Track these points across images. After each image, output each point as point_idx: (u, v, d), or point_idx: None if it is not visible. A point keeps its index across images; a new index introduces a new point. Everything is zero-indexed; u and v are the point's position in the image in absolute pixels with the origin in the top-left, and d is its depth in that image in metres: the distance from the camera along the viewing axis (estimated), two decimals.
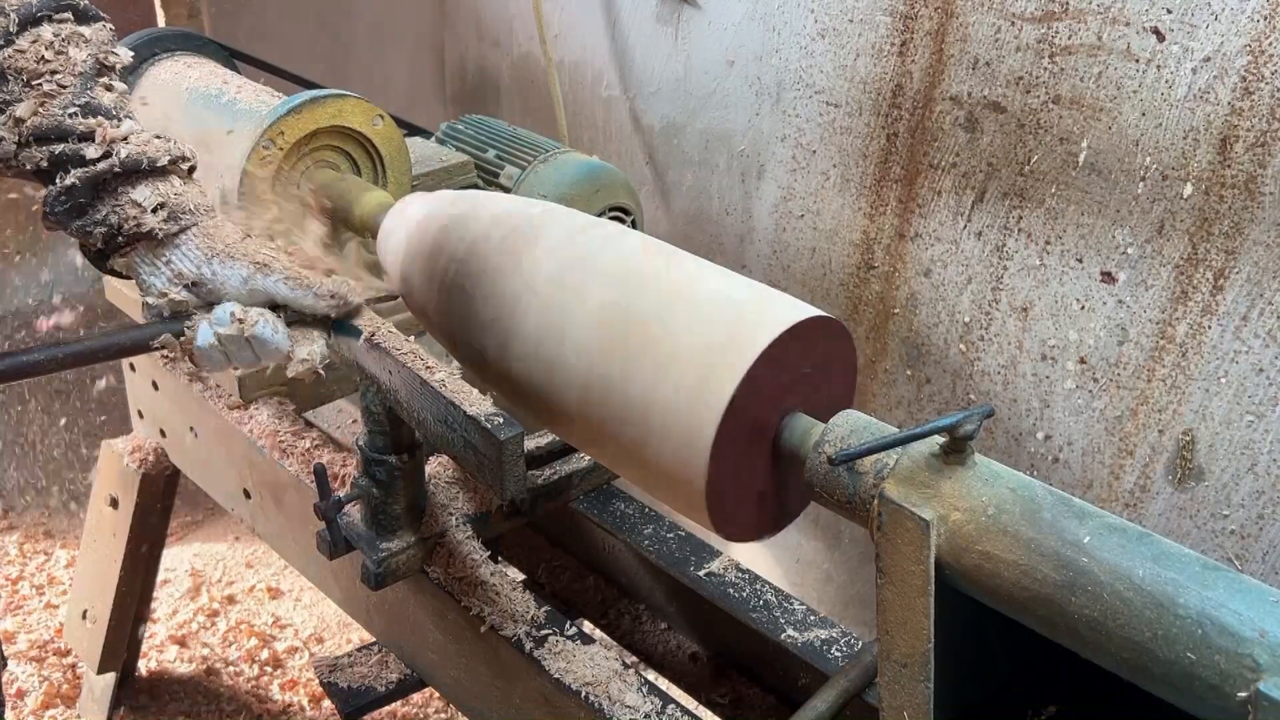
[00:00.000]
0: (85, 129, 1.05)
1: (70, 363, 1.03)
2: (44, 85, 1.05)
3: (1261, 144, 1.37)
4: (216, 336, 1.07)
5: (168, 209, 1.08)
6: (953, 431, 0.85)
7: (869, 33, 1.77)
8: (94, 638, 2.13)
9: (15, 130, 1.04)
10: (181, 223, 1.08)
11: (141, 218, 1.06)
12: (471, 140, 1.70)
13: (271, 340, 1.09)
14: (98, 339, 1.05)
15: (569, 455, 1.49)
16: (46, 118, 1.04)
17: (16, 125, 1.04)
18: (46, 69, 1.05)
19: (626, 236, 1.15)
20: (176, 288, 1.08)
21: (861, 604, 2.16)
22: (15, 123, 1.04)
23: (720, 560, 1.45)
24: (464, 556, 1.31)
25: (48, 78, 1.05)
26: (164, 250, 1.08)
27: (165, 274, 1.08)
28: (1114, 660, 0.78)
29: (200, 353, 1.09)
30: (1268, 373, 1.44)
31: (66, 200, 1.05)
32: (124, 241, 1.07)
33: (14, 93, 1.04)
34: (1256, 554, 1.52)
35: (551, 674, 1.21)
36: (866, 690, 1.20)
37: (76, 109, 1.05)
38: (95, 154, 1.04)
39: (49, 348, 1.01)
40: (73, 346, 1.03)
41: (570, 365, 1.06)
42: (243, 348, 1.09)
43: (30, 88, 1.04)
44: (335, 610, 2.38)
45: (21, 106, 1.04)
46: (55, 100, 1.05)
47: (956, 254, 1.76)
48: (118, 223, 1.06)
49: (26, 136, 1.04)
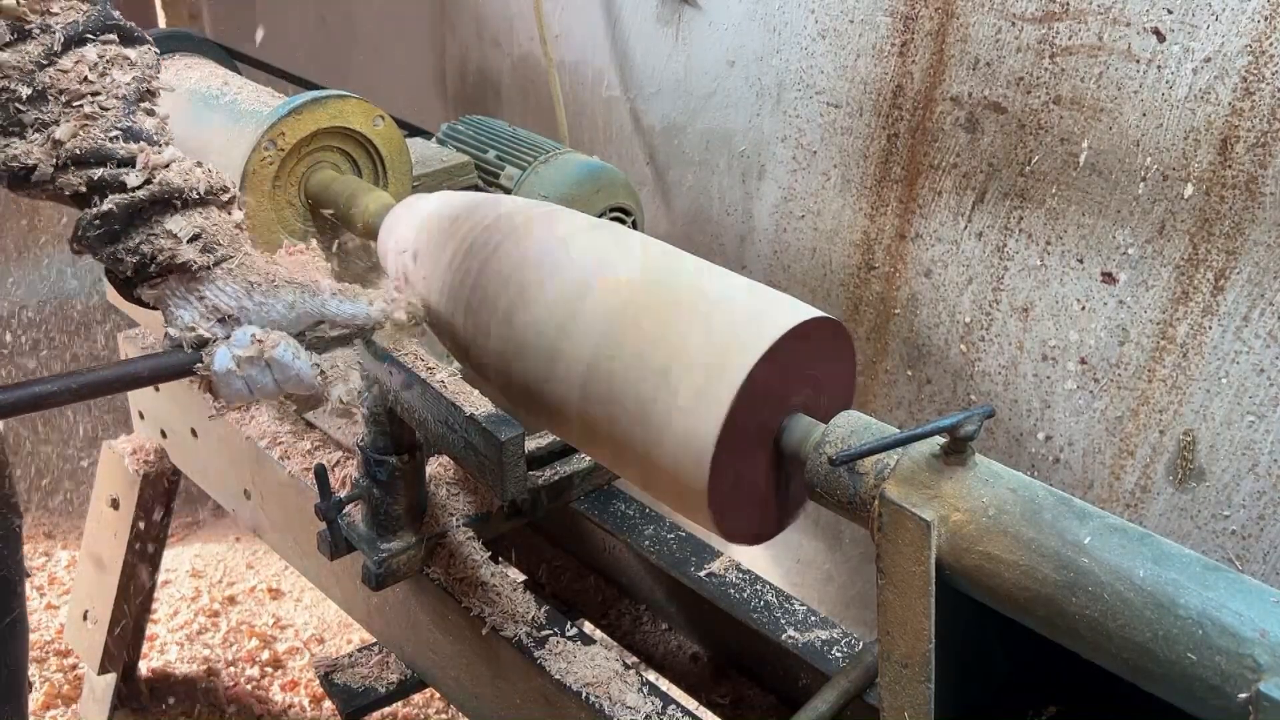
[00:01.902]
0: (126, 154, 1.01)
1: (86, 393, 1.00)
2: (85, 107, 1.01)
3: (1262, 144, 1.37)
4: (235, 360, 1.04)
5: (203, 240, 1.04)
6: (953, 432, 0.85)
7: (869, 33, 1.77)
8: (95, 638, 2.13)
9: (53, 152, 1.00)
10: (216, 255, 1.05)
11: (176, 249, 1.02)
12: (472, 141, 1.70)
13: (292, 365, 1.05)
14: (114, 369, 1.02)
15: (569, 455, 1.49)
16: (87, 140, 1.00)
17: (55, 147, 1.00)
18: (88, 90, 1.02)
19: (627, 237, 1.15)
20: (208, 322, 1.05)
21: (862, 604, 2.16)
22: (54, 144, 1.00)
23: (721, 561, 1.45)
24: (464, 557, 1.31)
25: (89, 99, 1.02)
26: (198, 284, 1.04)
27: (197, 308, 1.05)
28: (1114, 661, 0.78)
29: (219, 379, 1.05)
30: (1268, 373, 1.44)
31: (101, 226, 1.01)
32: (156, 272, 1.04)
33: (53, 113, 1.01)
34: (1257, 554, 1.52)
35: (552, 674, 1.21)
36: (867, 691, 1.20)
37: (119, 133, 1.02)
38: (136, 181, 1.01)
39: (63, 378, 0.98)
40: (88, 376, 1.00)
41: (571, 365, 1.06)
42: (263, 372, 1.05)
43: (71, 109, 1.01)
44: (336, 611, 2.38)
45: (62, 128, 1.00)
46: (97, 123, 1.01)
47: (957, 254, 1.76)
48: (151, 252, 1.02)
49: (65, 159, 1.00)
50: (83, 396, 1.00)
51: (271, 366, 1.05)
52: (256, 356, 1.04)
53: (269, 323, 1.05)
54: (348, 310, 1.09)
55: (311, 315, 1.07)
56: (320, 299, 1.07)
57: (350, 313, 1.09)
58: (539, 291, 1.08)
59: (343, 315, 1.09)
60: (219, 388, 1.06)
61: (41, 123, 1.00)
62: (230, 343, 1.04)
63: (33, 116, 1.00)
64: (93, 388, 1.00)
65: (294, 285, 1.06)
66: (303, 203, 1.49)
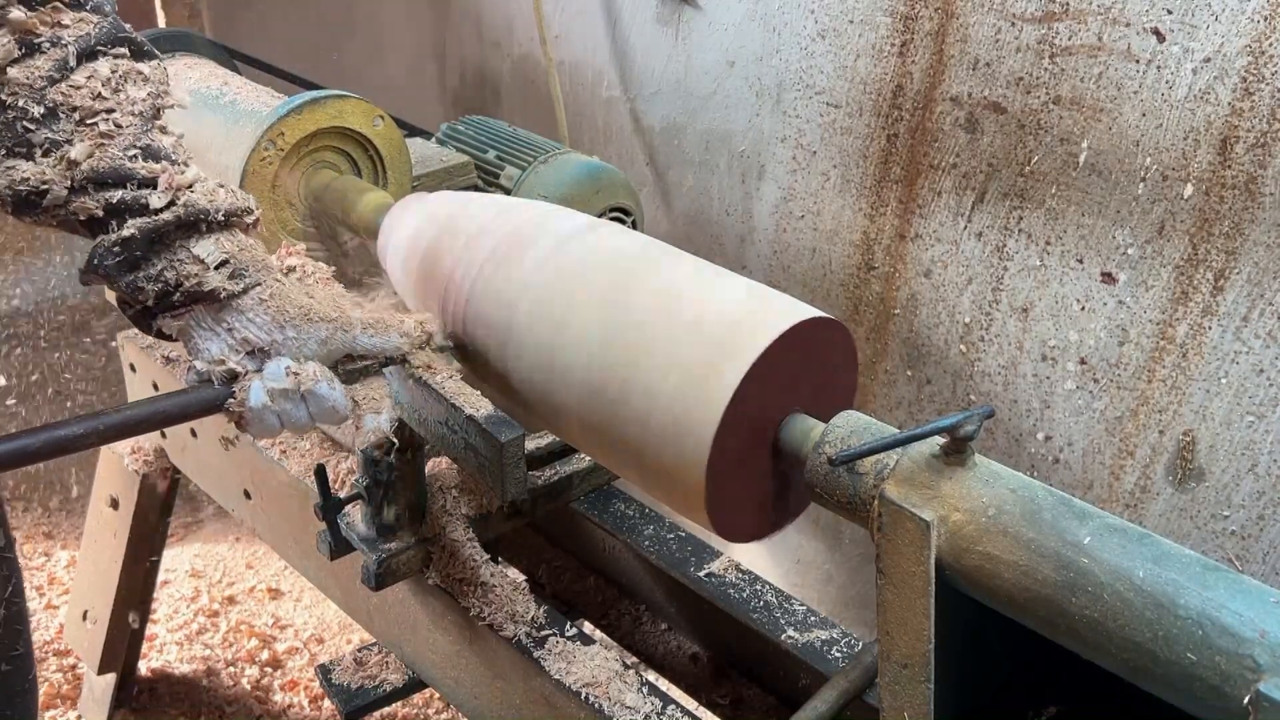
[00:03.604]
0: (148, 173, 0.95)
1: (111, 435, 0.94)
2: (100, 125, 0.95)
3: (1262, 145, 1.37)
4: (269, 395, 0.99)
5: (231, 266, 0.98)
6: (953, 432, 0.85)
7: (869, 33, 1.77)
8: (94, 638, 2.13)
9: (68, 173, 0.93)
10: (245, 282, 0.98)
11: (204, 275, 0.96)
12: (472, 141, 1.71)
13: (329, 397, 1.01)
14: (140, 408, 0.96)
15: (569, 456, 1.49)
16: (104, 160, 0.93)
17: (70, 168, 0.93)
18: (103, 107, 0.95)
19: (627, 237, 1.15)
20: (237, 355, 0.99)
21: (862, 604, 2.16)
22: (69, 165, 0.93)
23: (720, 561, 1.45)
24: (464, 557, 1.31)
25: (104, 116, 0.95)
26: (226, 314, 0.98)
27: (225, 340, 0.99)
28: (1114, 661, 0.78)
29: (252, 414, 0.99)
30: (1268, 373, 1.44)
31: (120, 253, 0.94)
32: (181, 300, 0.97)
33: (65, 132, 0.94)
34: (1257, 554, 1.52)
35: (551, 674, 1.21)
36: (867, 691, 1.20)
37: (137, 151, 0.95)
38: (160, 202, 0.94)
39: (88, 419, 0.92)
40: (114, 418, 0.94)
41: (570, 365, 1.06)
42: (298, 406, 1.00)
43: (84, 127, 0.94)
44: (335, 611, 2.38)
45: (77, 148, 0.93)
46: (114, 141, 0.95)
47: (957, 255, 1.76)
48: (175, 279, 0.96)
49: (80, 181, 0.93)
50: (109, 439, 0.95)
51: (307, 400, 1.00)
52: (292, 390, 0.99)
53: (301, 356, 1.01)
54: (378, 345, 1.05)
55: (343, 350, 1.04)
56: (352, 334, 1.03)
57: (380, 347, 1.06)
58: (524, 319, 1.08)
59: (373, 350, 1.06)
60: (251, 423, 1.00)
61: (53, 142, 0.93)
62: (264, 376, 0.99)
63: (43, 136, 0.93)
64: (119, 429, 0.94)
65: (327, 321, 1.02)
66: (303, 202, 1.49)
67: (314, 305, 1.02)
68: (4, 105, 0.93)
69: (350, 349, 1.04)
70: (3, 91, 0.93)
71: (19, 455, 0.88)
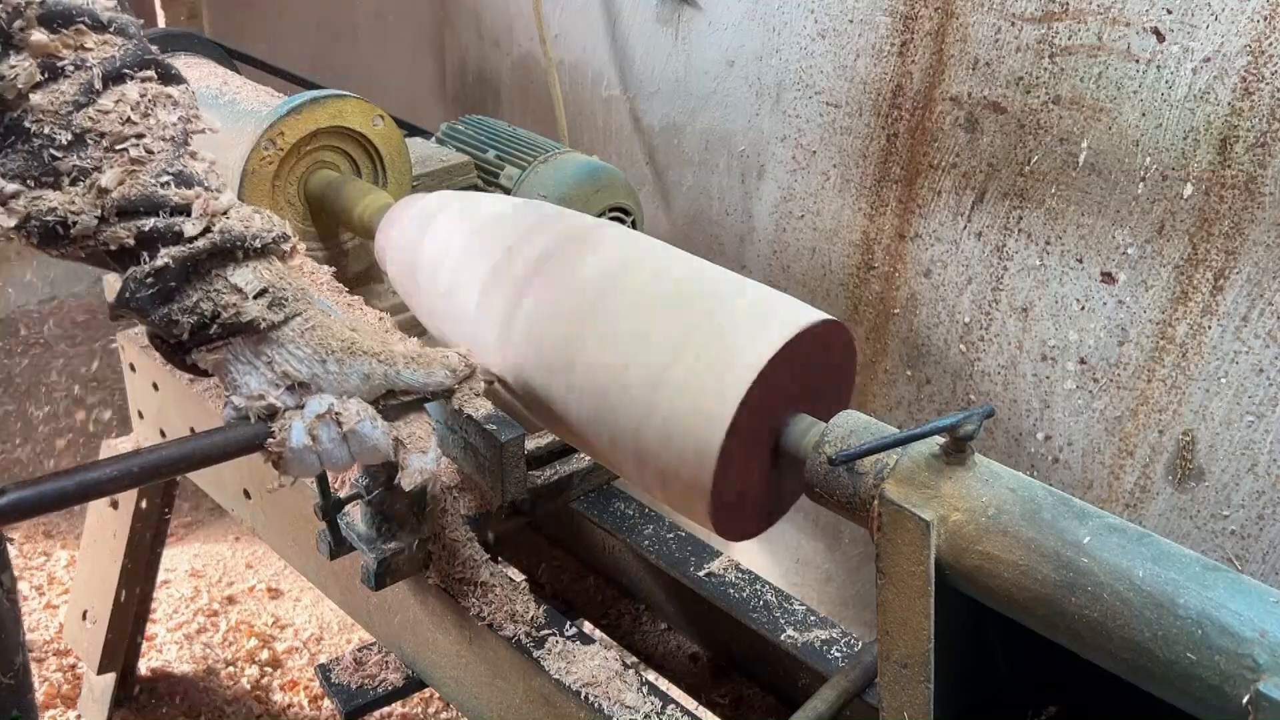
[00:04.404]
0: (181, 200, 0.90)
1: (145, 477, 0.90)
2: (130, 150, 0.90)
3: (1261, 144, 1.38)
4: (311, 435, 0.94)
5: (271, 295, 0.93)
6: (953, 432, 0.85)
7: (869, 33, 1.77)
8: (94, 638, 2.13)
9: (98, 202, 0.88)
10: (285, 312, 0.94)
11: (243, 306, 0.92)
12: (471, 140, 1.71)
13: (371, 436, 0.96)
14: (174, 448, 0.92)
15: (569, 455, 1.49)
16: (136, 187, 0.89)
17: (100, 196, 0.88)
18: (132, 132, 0.91)
19: (627, 237, 1.15)
20: (278, 390, 0.94)
21: (861, 604, 2.16)
22: (99, 193, 0.88)
23: (720, 560, 1.45)
24: (464, 557, 1.31)
25: (134, 142, 0.90)
26: (265, 346, 0.94)
27: (265, 374, 0.94)
28: (1114, 661, 0.78)
29: (293, 455, 0.95)
30: (1268, 373, 1.44)
31: (154, 284, 0.90)
32: (219, 333, 0.92)
33: (94, 159, 0.89)
34: (1256, 554, 1.52)
35: (551, 674, 1.21)
36: (866, 691, 1.20)
37: (170, 178, 0.91)
38: (194, 230, 0.90)
39: (120, 461, 0.88)
40: (148, 458, 0.90)
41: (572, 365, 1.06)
42: (339, 446, 0.96)
43: (114, 153, 0.90)
44: (335, 610, 2.38)
45: (107, 175, 0.89)
46: (145, 168, 0.90)
47: (956, 254, 1.76)
48: (212, 310, 0.91)
49: (110, 210, 0.89)
50: (143, 480, 0.91)
51: (348, 439, 0.96)
52: (335, 429, 0.95)
53: (343, 392, 0.96)
54: (420, 379, 1.00)
55: (385, 386, 0.99)
56: (395, 368, 0.98)
57: (423, 382, 1.00)
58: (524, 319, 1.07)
59: (416, 385, 1.00)
60: (290, 465, 0.96)
61: (81, 170, 0.88)
62: (304, 414, 0.95)
63: (70, 163, 0.88)
64: (154, 470, 0.90)
65: (371, 355, 0.97)
66: (302, 202, 1.49)
67: (357, 338, 0.97)
68: (28, 133, 0.88)
69: (393, 385, 0.99)
70: (26, 119, 0.88)
71: (54, 499, 0.85)
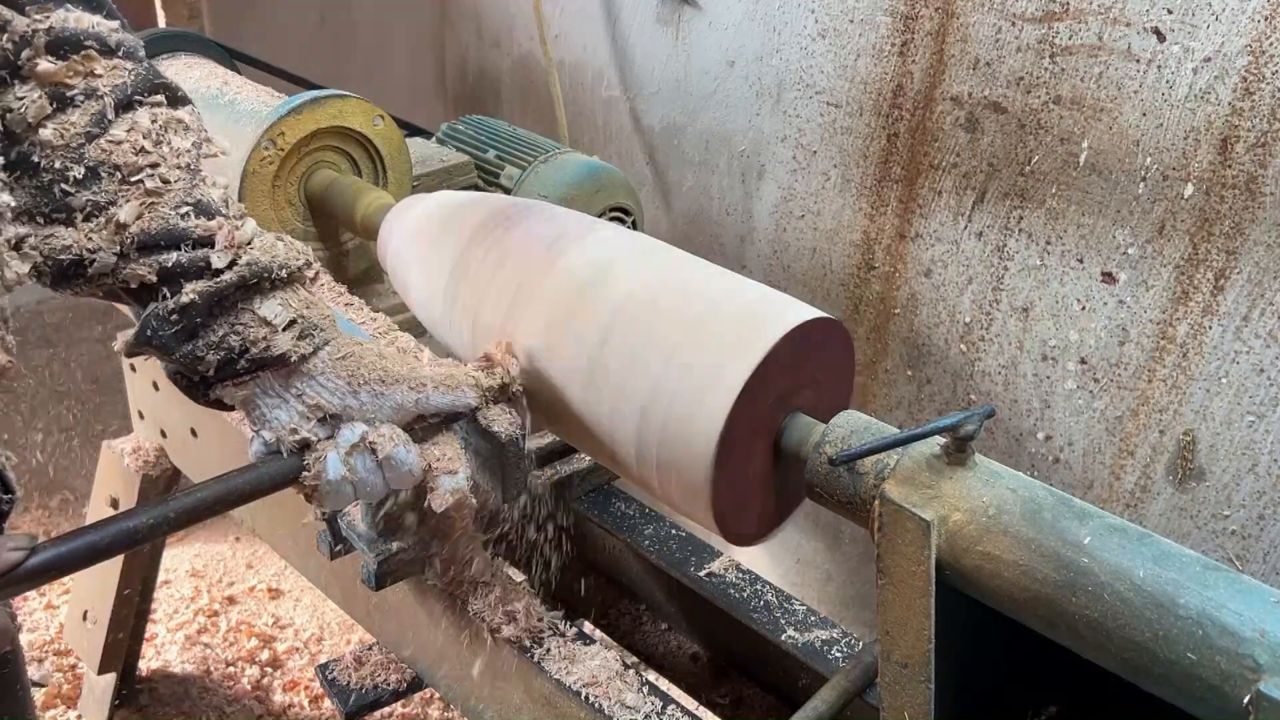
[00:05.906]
0: (204, 232, 0.86)
1: (183, 521, 0.86)
2: (146, 181, 0.85)
3: (1262, 144, 1.37)
4: (346, 466, 0.91)
5: (300, 326, 0.90)
6: (954, 432, 0.85)
7: (869, 33, 1.77)
8: (94, 638, 2.13)
9: (116, 238, 0.84)
10: (315, 342, 0.91)
11: (272, 339, 0.88)
12: (472, 140, 1.71)
13: (406, 461, 0.94)
14: (210, 489, 0.88)
15: (569, 455, 1.49)
16: (155, 220, 0.84)
17: (118, 231, 0.84)
18: (146, 162, 0.86)
19: (628, 237, 1.15)
20: (309, 423, 0.91)
21: (861, 604, 2.16)
22: (117, 228, 0.84)
23: (720, 560, 1.45)
24: (464, 557, 1.31)
25: (148, 172, 0.86)
26: (295, 379, 0.90)
27: (295, 407, 0.91)
28: (1114, 660, 0.78)
29: (329, 487, 0.92)
30: (1268, 373, 1.44)
31: (179, 320, 0.85)
32: (246, 368, 0.88)
33: (108, 192, 0.84)
34: (1257, 554, 1.52)
35: (551, 674, 1.21)
36: (867, 691, 1.19)
37: (189, 208, 0.86)
38: (222, 262, 0.85)
39: (158, 507, 0.85)
40: (183, 502, 0.86)
41: (573, 365, 1.06)
42: (374, 474, 0.93)
43: (129, 185, 0.85)
44: (335, 610, 2.38)
45: (125, 209, 0.84)
46: (163, 199, 0.85)
47: (957, 254, 1.76)
48: (240, 345, 0.87)
49: (130, 246, 0.84)
50: (179, 526, 0.87)
51: (383, 466, 0.93)
52: (370, 458, 0.92)
53: (375, 420, 0.94)
54: (449, 402, 0.98)
55: (415, 411, 0.96)
56: (425, 393, 0.95)
57: (453, 405, 0.98)
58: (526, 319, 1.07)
59: (445, 407, 0.98)
60: (326, 497, 0.93)
61: (95, 205, 0.84)
62: (338, 444, 0.92)
63: (84, 199, 0.84)
64: (190, 514, 0.86)
65: (403, 383, 0.94)
66: (303, 202, 1.49)
67: (388, 365, 0.94)
68: (36, 167, 0.84)
69: (424, 410, 0.96)
70: (34, 153, 0.84)
71: (90, 553, 0.82)
